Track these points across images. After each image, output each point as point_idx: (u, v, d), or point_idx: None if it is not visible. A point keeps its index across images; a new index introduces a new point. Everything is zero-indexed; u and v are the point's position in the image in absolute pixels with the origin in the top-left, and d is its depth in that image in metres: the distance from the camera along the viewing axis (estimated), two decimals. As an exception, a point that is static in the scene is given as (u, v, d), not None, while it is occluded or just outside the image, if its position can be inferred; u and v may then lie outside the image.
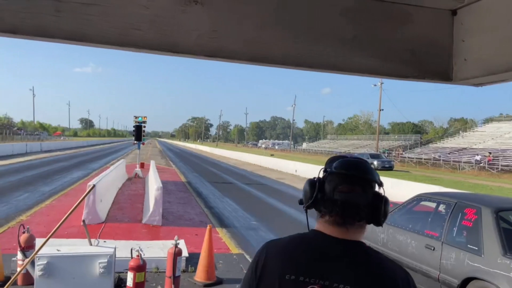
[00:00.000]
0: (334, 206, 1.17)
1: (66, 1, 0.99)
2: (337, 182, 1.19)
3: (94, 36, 1.02)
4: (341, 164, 1.20)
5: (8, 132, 62.50)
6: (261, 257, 1.25)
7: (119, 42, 1.04)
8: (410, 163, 49.99)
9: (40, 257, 3.96)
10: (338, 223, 1.17)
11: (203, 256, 5.97)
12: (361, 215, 1.17)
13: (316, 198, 1.20)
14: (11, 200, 11.91)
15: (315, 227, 1.25)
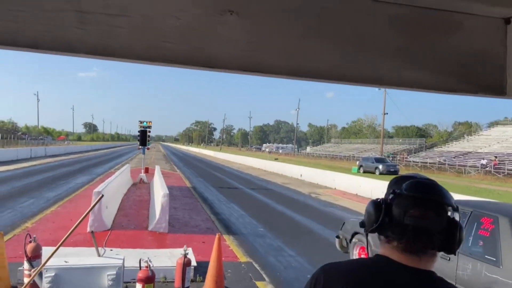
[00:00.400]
0: (404, 232, 1.07)
1: (91, 12, 0.89)
2: (408, 206, 1.08)
3: (120, 50, 0.92)
4: (413, 186, 1.09)
5: (13, 137, 62.78)
6: (319, 282, 1.17)
7: (148, 56, 0.94)
8: (415, 167, 49.69)
9: (48, 268, 3.87)
10: (409, 250, 1.08)
11: (212, 266, 5.85)
12: (434, 242, 1.07)
13: (383, 222, 1.10)
14: (16, 207, 11.85)
15: (379, 252, 1.16)
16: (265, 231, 10.29)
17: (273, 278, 6.63)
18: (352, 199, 17.99)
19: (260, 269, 7.06)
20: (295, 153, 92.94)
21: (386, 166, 35.90)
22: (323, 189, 21.80)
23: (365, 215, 1.18)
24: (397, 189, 1.11)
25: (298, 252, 8.35)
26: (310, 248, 8.87)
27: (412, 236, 1.06)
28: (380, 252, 1.15)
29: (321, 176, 25.31)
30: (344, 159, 67.87)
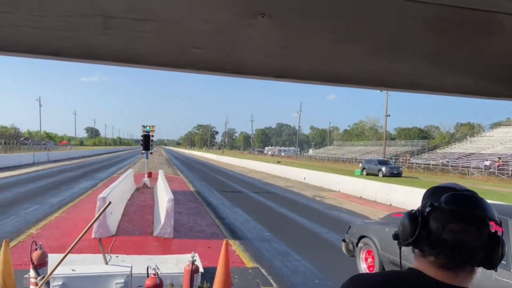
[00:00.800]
0: (442, 248, 1.02)
1: (116, 16, 0.84)
2: (447, 220, 1.02)
3: (148, 57, 0.87)
4: (454, 199, 1.03)
5: (15, 142, 62.89)
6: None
7: (177, 63, 0.89)
8: (418, 169, 49.56)
9: (55, 277, 3.81)
10: (446, 266, 1.02)
11: (220, 272, 5.78)
12: (474, 258, 1.01)
13: (420, 236, 1.05)
14: (20, 213, 11.81)
15: (413, 265, 1.10)
16: (270, 236, 10.22)
17: (281, 284, 6.56)
18: (357, 202, 17.90)
19: (267, 274, 6.99)
20: (298, 156, 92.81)
21: (389, 168, 35.77)
22: (327, 192, 21.71)
23: (399, 227, 1.13)
24: (435, 202, 1.05)
25: (305, 257, 8.27)
26: (317, 252, 8.79)
27: (450, 252, 1.01)
28: (413, 266, 1.09)
29: (325, 179, 25.22)
30: (347, 162, 67.73)
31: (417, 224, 1.05)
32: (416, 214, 1.07)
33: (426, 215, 1.05)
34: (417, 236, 1.04)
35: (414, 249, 1.10)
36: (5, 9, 0.79)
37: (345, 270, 7.44)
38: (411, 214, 1.09)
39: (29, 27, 0.81)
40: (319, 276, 7.07)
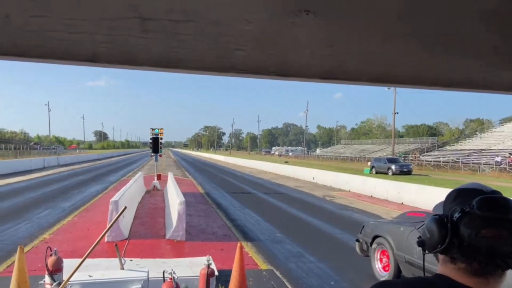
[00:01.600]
0: (475, 254, 0.97)
1: (154, 18, 0.79)
2: (480, 225, 0.97)
3: (187, 61, 0.82)
4: (487, 204, 0.98)
5: (25, 147, 63.53)
6: None
7: (218, 66, 0.84)
8: (427, 166, 49.12)
9: (73, 284, 3.78)
10: (478, 273, 0.98)
11: (235, 276, 5.73)
12: (508, 264, 0.97)
13: (451, 243, 0.99)
14: (33, 218, 11.87)
15: (439, 271, 1.05)
16: (283, 237, 10.15)
17: (296, 286, 6.49)
18: (368, 201, 17.75)
19: (282, 277, 6.93)
20: (305, 156, 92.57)
21: (399, 166, 35.49)
22: (337, 192, 21.58)
23: (425, 234, 1.08)
24: (464, 207, 0.99)
25: (319, 258, 8.19)
26: (331, 253, 8.71)
27: (484, 259, 0.96)
28: (440, 272, 1.04)
29: (334, 178, 25.08)
30: (355, 160, 67.38)
31: (446, 230, 1.00)
32: (445, 220, 1.02)
33: (455, 221, 1.00)
34: (448, 243, 1.00)
35: (441, 255, 1.05)
36: (37, 13, 0.75)
37: (360, 271, 7.36)
38: (438, 220, 1.04)
39: (63, 31, 0.76)
40: (335, 277, 6.99)
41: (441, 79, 0.93)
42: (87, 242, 8.37)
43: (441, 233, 1.00)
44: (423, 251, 1.09)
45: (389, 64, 0.90)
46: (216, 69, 0.83)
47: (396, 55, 0.90)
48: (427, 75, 0.92)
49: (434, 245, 1.03)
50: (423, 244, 1.09)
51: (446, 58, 0.92)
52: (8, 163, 32.79)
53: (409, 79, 0.91)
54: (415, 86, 0.92)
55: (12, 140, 67.62)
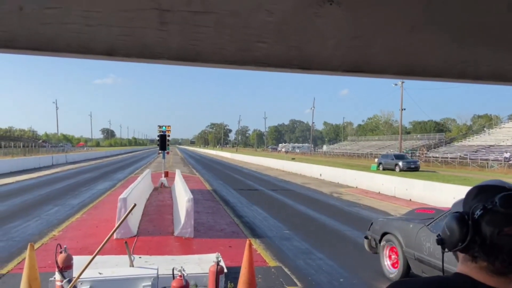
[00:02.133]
0: (498, 253, 0.94)
1: (172, 9, 0.76)
2: (503, 223, 0.94)
3: (207, 53, 0.79)
4: (509, 201, 0.95)
5: (34, 145, 64.09)
6: None
7: (239, 59, 0.80)
8: (435, 162, 48.79)
9: (83, 281, 3.79)
10: (500, 272, 0.95)
11: (244, 273, 5.71)
12: None
13: (473, 241, 0.96)
14: (42, 215, 11.96)
15: (459, 270, 1.02)
16: (291, 234, 10.12)
17: (305, 283, 6.47)
18: (376, 198, 17.66)
19: (291, 274, 6.90)
20: (312, 152, 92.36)
21: (406, 163, 35.27)
22: (344, 188, 21.49)
23: (444, 232, 1.05)
24: (487, 204, 0.97)
25: (327, 255, 8.15)
26: (339, 250, 8.67)
27: (507, 258, 0.94)
28: (460, 270, 1.01)
29: (341, 175, 24.98)
30: (362, 157, 67.11)
31: (467, 228, 0.97)
32: (466, 217, 0.99)
33: (477, 219, 0.97)
34: (469, 242, 0.97)
35: (461, 253, 1.03)
36: (52, 5, 0.72)
37: (369, 268, 7.31)
38: (459, 217, 1.01)
39: (79, 24, 0.73)
40: (344, 274, 6.95)
41: (469, 71, 0.89)
42: (96, 239, 8.42)
43: (462, 231, 0.98)
44: (442, 250, 1.07)
45: (416, 56, 0.86)
46: (237, 63, 0.80)
47: (424, 47, 0.86)
48: (456, 67, 0.88)
49: (455, 243, 1.00)
50: (443, 242, 1.06)
51: (476, 49, 0.89)
52: (17, 161, 33.09)
53: (436, 71, 0.87)
54: (443, 79, 0.88)
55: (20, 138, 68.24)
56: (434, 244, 6.22)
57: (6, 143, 55.47)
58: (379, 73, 0.86)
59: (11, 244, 8.52)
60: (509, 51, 0.89)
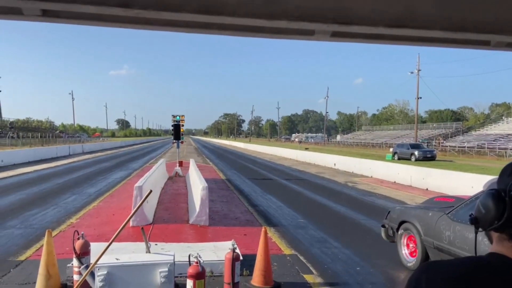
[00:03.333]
0: None
1: None
2: None
3: (234, 4, 0.70)
4: None
5: (51, 135, 65.14)
6: (419, 286, 0.95)
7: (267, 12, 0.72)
8: (452, 152, 47.98)
9: (100, 267, 3.80)
10: None
11: (259, 260, 5.69)
12: None
13: (510, 219, 0.91)
14: (60, 203, 12.15)
15: (493, 250, 0.97)
16: (306, 222, 10.06)
17: (321, 271, 6.41)
18: (391, 187, 17.45)
19: (306, 262, 6.85)
20: (325, 142, 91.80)
21: (422, 152, 34.71)
22: (359, 178, 21.30)
23: (479, 210, 0.99)
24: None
25: (343, 244, 8.07)
26: (355, 239, 8.57)
27: None
28: (495, 250, 0.96)
29: (356, 164, 24.74)
30: (377, 146, 66.43)
31: (504, 205, 0.92)
32: (502, 194, 0.93)
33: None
34: (506, 219, 0.92)
35: (496, 232, 0.97)
36: None
37: (386, 257, 7.21)
38: (495, 194, 0.95)
39: None
40: (360, 263, 6.87)
41: None
42: (113, 227, 8.50)
43: (498, 209, 0.93)
44: (475, 229, 1.02)
45: (469, 7, 0.76)
46: (265, 16, 0.72)
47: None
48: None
49: (490, 221, 0.95)
50: (477, 221, 1.01)
51: None
52: (35, 150, 33.68)
53: (491, 27, 0.77)
54: (498, 36, 0.78)
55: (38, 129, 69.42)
56: (454, 232, 6.10)
57: (24, 134, 56.52)
58: (425, 29, 0.76)
59: (30, 231, 8.66)
60: None
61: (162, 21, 0.76)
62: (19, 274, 6.03)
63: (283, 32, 0.85)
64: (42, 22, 0.78)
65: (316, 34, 0.85)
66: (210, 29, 0.79)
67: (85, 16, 0.73)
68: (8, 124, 58.43)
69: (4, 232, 8.52)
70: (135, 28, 0.78)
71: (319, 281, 5.99)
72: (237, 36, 0.90)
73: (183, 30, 0.78)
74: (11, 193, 13.88)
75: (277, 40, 0.89)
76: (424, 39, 0.84)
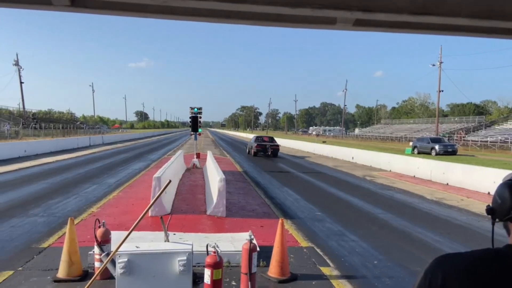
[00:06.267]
0: None
1: None
2: None
3: None
4: None
5: (72, 126, 66.46)
6: (434, 280, 0.93)
7: None
8: (474, 146, 46.87)
9: (121, 254, 3.88)
10: None
11: (276, 251, 5.72)
12: None
13: None
14: (81, 192, 12.43)
15: (511, 241, 0.95)
16: (323, 215, 10.03)
17: (338, 264, 6.39)
18: (410, 182, 17.20)
19: (323, 254, 6.85)
20: (343, 136, 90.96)
21: (443, 146, 34.00)
22: (377, 172, 21.07)
23: (495, 201, 0.98)
24: None
25: (361, 237, 8.03)
26: (373, 232, 8.51)
27: None
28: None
29: (374, 158, 24.46)
30: (396, 140, 65.46)
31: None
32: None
33: None
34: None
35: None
36: None
37: (404, 251, 7.16)
38: (511, 185, 0.94)
39: None
40: (378, 257, 6.82)
41: None
42: (132, 216, 8.66)
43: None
44: (492, 220, 1.01)
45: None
46: (289, 3, 0.72)
47: None
48: None
49: (506, 211, 0.94)
50: (493, 211, 1.00)
51: None
52: (57, 141, 34.47)
53: None
54: None
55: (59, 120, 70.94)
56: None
57: (46, 125, 57.83)
58: (451, 16, 0.75)
59: (52, 219, 8.90)
60: None
61: (186, 10, 0.76)
62: (42, 261, 6.21)
63: (304, 20, 0.85)
64: (70, 12, 0.80)
65: (338, 23, 0.84)
66: (232, 18, 0.79)
67: (112, 6, 0.74)
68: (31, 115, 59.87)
69: (27, 220, 8.78)
70: (159, 17, 0.79)
71: (336, 273, 5.99)
72: (257, 26, 0.91)
73: (205, 19, 0.79)
74: (34, 182, 14.27)
75: (296, 32, 0.88)
76: (449, 28, 0.82)
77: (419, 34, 0.96)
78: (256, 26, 0.92)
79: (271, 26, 0.88)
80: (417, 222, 9.48)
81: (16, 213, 9.36)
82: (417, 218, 9.97)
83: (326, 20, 0.84)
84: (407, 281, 5.71)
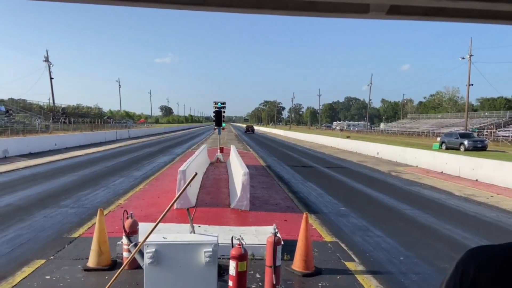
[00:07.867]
0: None
1: None
2: None
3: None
4: None
5: (99, 121, 68.08)
6: (466, 274, 0.90)
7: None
8: (505, 142, 45.25)
9: (149, 244, 3.97)
10: None
11: (300, 245, 5.72)
12: None
13: None
14: (109, 185, 12.76)
15: None
16: (347, 210, 9.95)
17: (363, 259, 6.34)
18: (438, 177, 16.79)
19: (348, 249, 6.80)
20: (368, 131, 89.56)
21: (472, 142, 32.95)
22: (403, 167, 20.67)
23: None
24: None
25: (386, 233, 7.92)
26: (399, 228, 8.38)
27: None
28: None
29: (400, 154, 23.98)
30: (423, 136, 63.95)
31: None
32: None
33: None
34: None
35: None
36: None
37: (431, 248, 7.02)
38: None
39: None
40: (404, 253, 6.72)
41: None
42: (158, 208, 8.84)
43: None
44: None
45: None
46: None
47: None
48: None
49: None
50: None
51: None
52: (85, 135, 35.44)
53: None
54: None
55: (88, 115, 72.79)
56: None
57: (75, 119, 59.52)
58: (492, 1, 0.73)
59: (82, 210, 9.18)
60: None
61: (217, 1, 0.77)
62: (72, 250, 6.42)
63: (336, 9, 0.84)
64: (99, 4, 0.82)
65: (371, 11, 0.83)
66: (263, 9, 0.80)
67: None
68: (60, 110, 61.64)
69: (59, 211, 9.09)
70: (191, 9, 0.80)
71: (360, 269, 5.94)
72: (290, 16, 0.91)
73: (236, 10, 0.80)
74: (64, 174, 14.74)
75: (322, 24, 0.87)
76: (490, 15, 0.80)
77: (455, 22, 0.94)
78: (287, 16, 0.92)
79: (304, 16, 0.88)
80: (444, 219, 9.26)
81: (48, 204, 9.70)
82: (445, 215, 9.74)
83: (359, 9, 0.83)
84: (435, 277, 5.61)
